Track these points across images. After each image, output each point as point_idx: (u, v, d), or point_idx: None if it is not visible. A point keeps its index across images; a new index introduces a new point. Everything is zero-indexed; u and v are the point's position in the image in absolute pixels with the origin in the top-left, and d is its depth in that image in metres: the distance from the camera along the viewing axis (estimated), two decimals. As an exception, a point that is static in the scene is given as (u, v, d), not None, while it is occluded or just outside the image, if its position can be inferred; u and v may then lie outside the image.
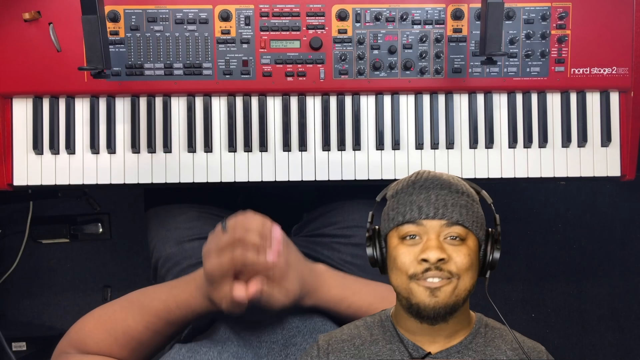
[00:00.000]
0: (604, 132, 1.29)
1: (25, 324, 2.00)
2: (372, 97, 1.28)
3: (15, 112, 1.26)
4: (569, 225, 2.06)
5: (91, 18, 1.09)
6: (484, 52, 1.16)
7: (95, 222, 1.96)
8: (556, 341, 2.06)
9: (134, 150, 1.26)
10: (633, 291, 2.05)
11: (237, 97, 1.27)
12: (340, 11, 1.24)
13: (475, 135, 1.28)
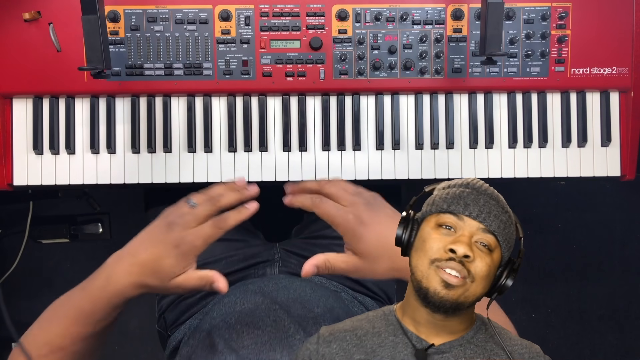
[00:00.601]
0: (604, 132, 1.29)
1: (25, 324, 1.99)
2: (372, 97, 1.28)
3: (15, 112, 1.26)
4: (569, 225, 2.06)
5: (91, 18, 1.09)
6: (484, 52, 1.16)
7: (95, 222, 1.97)
8: (556, 341, 2.06)
9: (134, 151, 1.26)
10: (633, 291, 2.06)
11: (237, 97, 1.27)
12: (340, 11, 1.24)
13: (475, 135, 1.28)
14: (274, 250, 1.33)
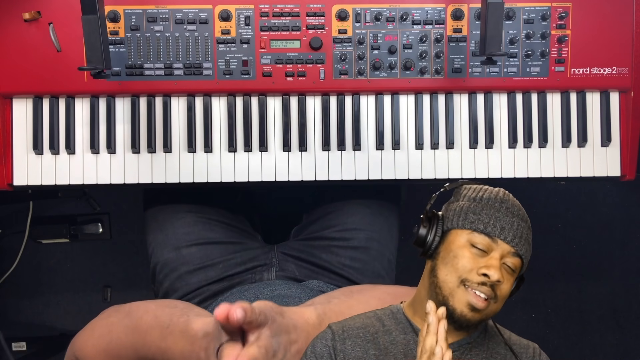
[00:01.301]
0: (604, 132, 1.29)
1: (25, 324, 2.00)
2: (372, 97, 1.28)
3: (15, 112, 1.26)
4: (569, 225, 2.06)
5: (91, 18, 1.09)
6: (484, 52, 1.16)
7: (95, 222, 1.96)
8: (556, 341, 2.06)
9: (134, 150, 1.26)
10: (633, 291, 2.05)
11: (237, 97, 1.27)
12: (340, 11, 1.24)
13: (475, 135, 1.28)
14: (272, 254, 1.33)
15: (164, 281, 1.29)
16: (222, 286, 1.26)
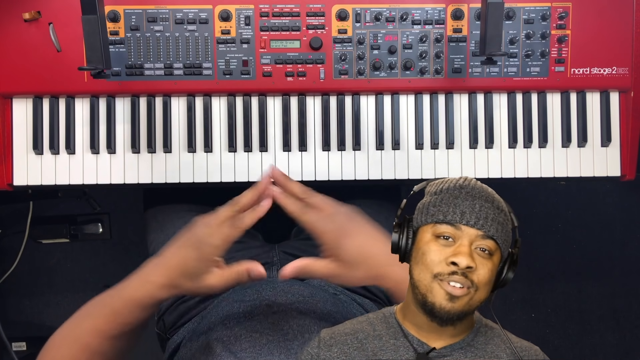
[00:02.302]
0: (604, 132, 1.29)
1: (25, 324, 2.00)
2: (372, 97, 1.28)
3: (15, 112, 1.26)
4: (569, 225, 2.06)
5: (91, 18, 1.09)
6: (484, 52, 1.16)
7: (95, 222, 1.96)
8: (556, 341, 2.06)
9: (134, 150, 1.26)
10: (633, 291, 2.05)
11: (237, 97, 1.27)
12: (340, 11, 1.24)
13: (475, 135, 1.28)
14: (273, 253, 1.33)
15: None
16: None
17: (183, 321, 1.26)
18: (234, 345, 1.01)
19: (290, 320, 1.06)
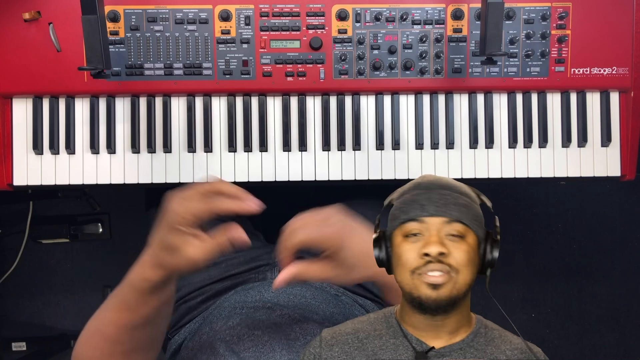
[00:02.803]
0: (604, 132, 1.29)
1: (25, 324, 2.00)
2: (372, 97, 1.28)
3: (15, 112, 1.26)
4: (569, 225, 2.06)
5: (91, 18, 1.09)
6: (484, 52, 1.16)
7: (95, 222, 1.97)
8: (556, 341, 2.06)
9: (134, 150, 1.26)
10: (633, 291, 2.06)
11: (237, 97, 1.27)
12: (340, 11, 1.24)
13: (475, 135, 1.28)
14: (274, 253, 1.33)
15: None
16: (225, 285, 1.26)
17: (184, 321, 1.26)
18: (237, 345, 1.01)
19: (292, 321, 1.06)
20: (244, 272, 1.29)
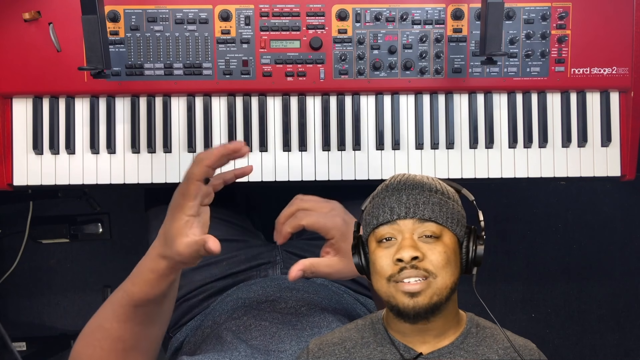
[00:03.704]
0: (604, 132, 1.29)
1: (25, 324, 2.00)
2: (372, 97, 1.28)
3: (15, 112, 1.26)
4: (569, 225, 2.06)
5: (91, 18, 1.09)
6: (484, 52, 1.16)
7: (95, 222, 1.96)
8: (556, 341, 2.06)
9: (134, 150, 1.26)
10: (633, 291, 2.05)
11: (237, 97, 1.27)
12: (340, 11, 1.24)
13: (475, 135, 1.28)
14: (276, 252, 1.33)
15: None
16: (226, 283, 1.26)
17: (186, 320, 1.26)
18: (244, 334, 1.02)
19: (298, 314, 1.06)
20: (246, 270, 1.29)
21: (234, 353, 0.96)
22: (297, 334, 1.00)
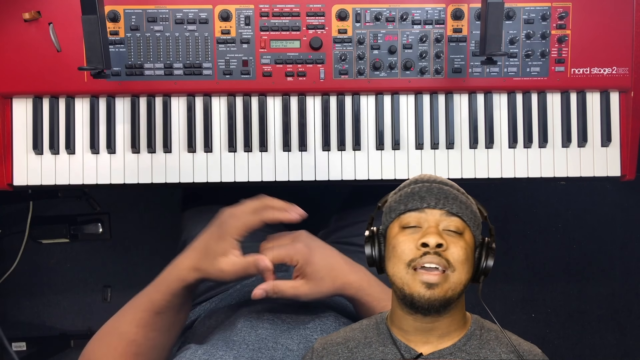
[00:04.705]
0: (604, 132, 1.29)
1: (25, 324, 2.00)
2: (372, 97, 1.28)
3: (15, 112, 1.26)
4: (569, 225, 2.06)
5: (91, 18, 1.09)
6: (484, 52, 1.16)
7: (95, 222, 1.96)
8: (556, 341, 2.06)
9: (134, 150, 1.26)
10: (633, 291, 2.06)
11: (237, 97, 1.27)
12: (340, 11, 1.24)
13: (475, 135, 1.28)
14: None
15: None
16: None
17: (201, 299, 1.27)
18: (256, 322, 1.03)
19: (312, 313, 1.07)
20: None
21: (242, 346, 0.97)
22: (305, 334, 1.01)
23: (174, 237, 1.46)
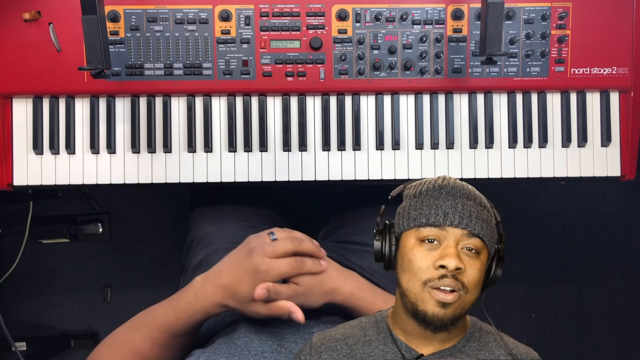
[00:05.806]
0: (604, 132, 1.29)
1: (25, 324, 2.00)
2: (372, 97, 1.28)
3: (15, 112, 1.26)
4: (569, 225, 2.06)
5: (91, 18, 1.09)
6: (484, 52, 1.16)
7: (95, 222, 1.96)
8: (556, 341, 2.06)
9: (134, 150, 1.26)
10: (633, 291, 2.06)
11: (237, 97, 1.27)
12: (340, 11, 1.24)
13: (475, 135, 1.28)
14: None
15: (198, 253, 1.29)
16: None
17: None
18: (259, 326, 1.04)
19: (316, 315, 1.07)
20: None
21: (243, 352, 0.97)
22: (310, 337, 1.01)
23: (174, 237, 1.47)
